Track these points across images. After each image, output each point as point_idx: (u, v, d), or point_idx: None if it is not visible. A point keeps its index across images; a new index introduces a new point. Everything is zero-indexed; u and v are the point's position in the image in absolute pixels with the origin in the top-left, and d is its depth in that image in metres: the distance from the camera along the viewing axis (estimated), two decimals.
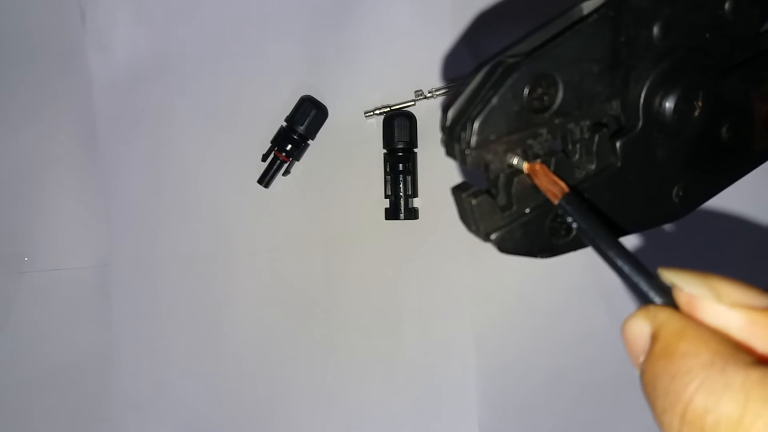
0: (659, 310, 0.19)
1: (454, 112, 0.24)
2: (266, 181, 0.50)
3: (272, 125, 0.50)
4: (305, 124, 0.49)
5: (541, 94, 0.23)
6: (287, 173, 0.51)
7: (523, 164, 0.24)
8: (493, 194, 0.24)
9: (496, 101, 0.22)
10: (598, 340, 0.50)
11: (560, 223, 0.25)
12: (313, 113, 0.49)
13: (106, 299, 0.53)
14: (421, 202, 0.50)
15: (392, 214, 0.49)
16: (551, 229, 0.25)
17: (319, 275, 0.51)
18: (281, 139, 0.49)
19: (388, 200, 0.49)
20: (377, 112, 0.50)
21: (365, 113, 0.50)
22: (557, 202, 0.23)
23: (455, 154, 0.23)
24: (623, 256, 0.20)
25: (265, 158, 0.50)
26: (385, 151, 0.50)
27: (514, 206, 0.24)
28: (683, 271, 0.19)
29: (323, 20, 0.51)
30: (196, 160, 0.52)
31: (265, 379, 0.52)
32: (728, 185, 0.30)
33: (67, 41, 0.52)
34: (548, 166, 0.24)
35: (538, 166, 0.24)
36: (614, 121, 0.26)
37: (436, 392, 0.51)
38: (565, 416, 0.50)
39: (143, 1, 0.52)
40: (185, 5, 0.52)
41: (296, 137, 0.49)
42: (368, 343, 0.51)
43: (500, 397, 0.50)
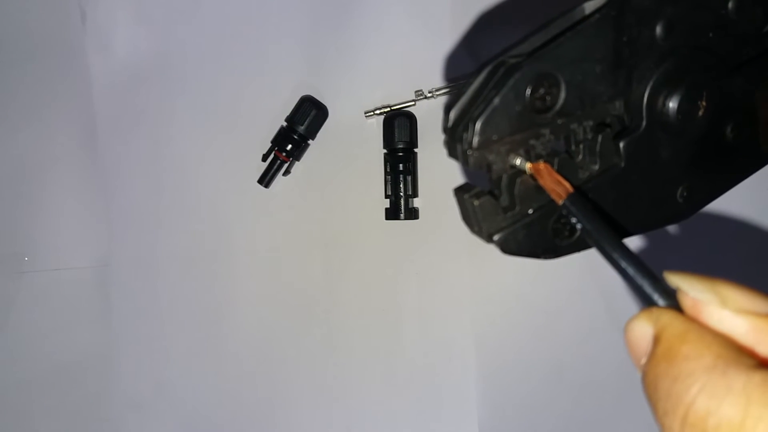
0: (662, 312, 0.19)
1: (456, 112, 0.23)
2: (266, 181, 0.50)
3: (272, 125, 0.50)
4: (305, 124, 0.49)
5: (543, 94, 0.23)
6: (287, 173, 0.51)
7: (525, 165, 0.24)
8: (495, 195, 0.24)
9: (498, 101, 0.22)
10: (598, 340, 0.49)
11: (563, 224, 0.25)
12: (313, 113, 0.49)
13: (106, 299, 0.52)
14: (421, 202, 0.50)
15: (392, 214, 0.49)
16: (554, 230, 0.25)
17: (319, 275, 0.51)
18: (281, 139, 0.49)
19: (388, 200, 0.49)
20: (377, 112, 0.50)
21: (365, 113, 0.50)
22: (562, 202, 0.23)
23: (457, 154, 0.23)
24: (628, 257, 0.20)
25: (265, 158, 0.50)
26: (385, 151, 0.50)
27: (516, 207, 0.24)
28: (689, 275, 0.19)
29: (323, 20, 0.50)
30: (196, 160, 0.52)
31: (265, 379, 0.52)
32: (733, 185, 0.30)
33: (67, 41, 0.52)
34: (552, 166, 0.24)
35: (542, 165, 0.24)
36: (617, 121, 0.26)
37: (436, 392, 0.51)
38: (565, 416, 0.50)
39: (143, 1, 0.52)
40: (185, 5, 0.51)
41: (296, 137, 0.49)
42: (368, 343, 0.51)
43: (500, 397, 0.50)
